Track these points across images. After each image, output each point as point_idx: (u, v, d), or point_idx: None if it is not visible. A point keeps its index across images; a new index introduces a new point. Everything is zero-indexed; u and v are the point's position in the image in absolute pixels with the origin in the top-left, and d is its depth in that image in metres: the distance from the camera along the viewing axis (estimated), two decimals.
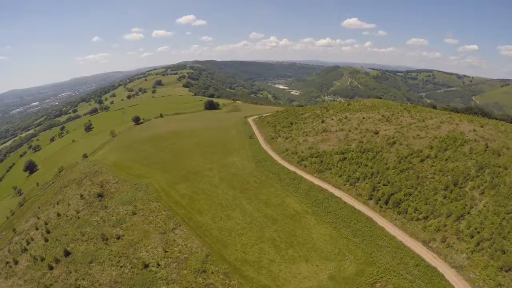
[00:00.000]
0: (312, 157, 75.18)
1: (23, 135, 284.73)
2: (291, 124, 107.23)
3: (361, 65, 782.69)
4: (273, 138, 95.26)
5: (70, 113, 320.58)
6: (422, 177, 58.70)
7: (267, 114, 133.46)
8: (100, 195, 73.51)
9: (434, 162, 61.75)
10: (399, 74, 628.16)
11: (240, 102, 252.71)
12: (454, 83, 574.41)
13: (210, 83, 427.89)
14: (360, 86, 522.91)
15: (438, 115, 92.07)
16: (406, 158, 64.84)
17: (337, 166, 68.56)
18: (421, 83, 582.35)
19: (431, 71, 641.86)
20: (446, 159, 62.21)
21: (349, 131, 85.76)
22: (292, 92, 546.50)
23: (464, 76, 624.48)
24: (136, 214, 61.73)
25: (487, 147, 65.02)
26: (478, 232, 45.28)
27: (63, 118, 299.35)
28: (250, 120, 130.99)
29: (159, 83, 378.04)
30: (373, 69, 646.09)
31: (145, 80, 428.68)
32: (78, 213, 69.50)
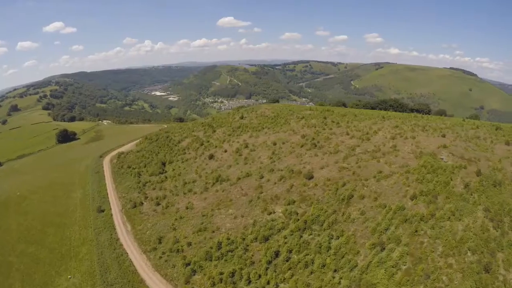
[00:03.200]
0: (210, 259, 37.09)
1: None
2: (164, 164, 67.56)
3: (238, 62, 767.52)
4: (136, 206, 53.32)
5: None
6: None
7: (131, 147, 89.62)
8: None
9: (436, 233, 32.67)
10: (277, 67, 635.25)
11: (106, 123, 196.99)
12: (331, 71, 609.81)
13: (77, 100, 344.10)
14: (240, 83, 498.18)
15: (375, 123, 66.46)
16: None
17: None
18: (299, 74, 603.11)
19: (307, 61, 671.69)
20: (449, 218, 34.49)
21: (261, 177, 51.25)
22: (170, 98, 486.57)
23: (339, 63, 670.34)
24: None
25: (480, 173, 41.17)
26: None
27: None
28: (106, 161, 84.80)
29: (15, 108, 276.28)
30: (251, 65, 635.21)
31: None
32: None
